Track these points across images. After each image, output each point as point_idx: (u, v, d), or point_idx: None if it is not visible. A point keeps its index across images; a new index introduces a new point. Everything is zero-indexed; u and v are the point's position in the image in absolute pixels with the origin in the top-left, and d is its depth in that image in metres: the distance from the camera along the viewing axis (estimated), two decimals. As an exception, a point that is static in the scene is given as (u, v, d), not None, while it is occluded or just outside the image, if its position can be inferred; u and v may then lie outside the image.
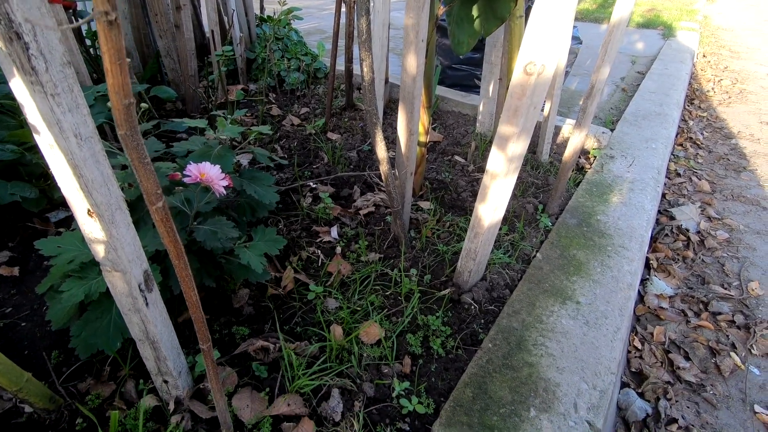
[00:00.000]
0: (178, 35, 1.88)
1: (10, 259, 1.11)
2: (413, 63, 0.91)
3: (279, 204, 1.29)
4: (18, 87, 0.43)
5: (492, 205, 0.88)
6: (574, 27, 2.11)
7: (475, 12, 1.24)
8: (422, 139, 1.29)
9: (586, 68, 2.91)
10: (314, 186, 1.40)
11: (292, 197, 1.34)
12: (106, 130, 1.57)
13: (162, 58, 1.95)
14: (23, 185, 1.15)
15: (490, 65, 1.64)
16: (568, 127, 1.78)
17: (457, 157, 1.64)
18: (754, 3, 7.66)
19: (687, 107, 2.75)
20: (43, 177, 1.25)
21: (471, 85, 2.08)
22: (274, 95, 2.10)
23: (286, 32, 2.09)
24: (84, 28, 1.81)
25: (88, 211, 0.52)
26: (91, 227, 0.54)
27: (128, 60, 0.37)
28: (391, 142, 1.72)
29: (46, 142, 0.47)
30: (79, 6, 1.82)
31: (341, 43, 2.84)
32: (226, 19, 2.21)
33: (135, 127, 0.33)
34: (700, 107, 2.79)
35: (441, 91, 2.04)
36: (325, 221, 1.26)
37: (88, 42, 1.91)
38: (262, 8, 2.37)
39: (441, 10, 1.09)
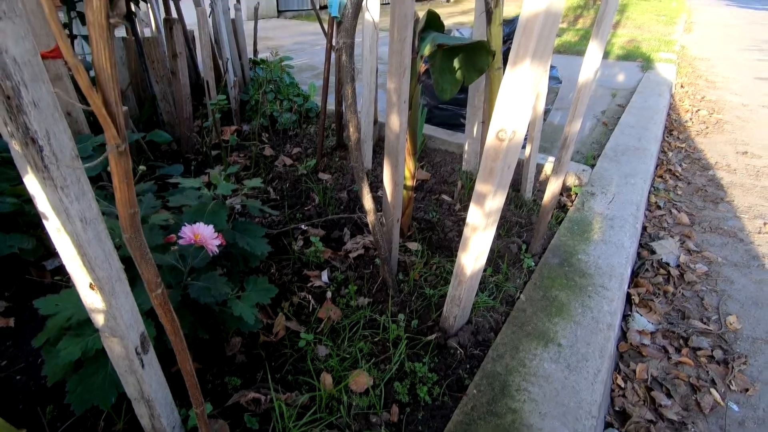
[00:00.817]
0: (174, 81, 1.95)
1: (6, 310, 1.14)
2: (396, 122, 0.97)
3: (271, 248, 1.33)
4: (31, 182, 0.48)
5: (473, 255, 0.92)
6: (554, 67, 2.22)
7: (456, 64, 1.32)
8: (409, 183, 1.35)
9: (568, 101, 3.02)
10: (305, 229, 1.44)
11: (283, 241, 1.38)
12: (102, 175, 1.61)
13: (158, 101, 2.01)
14: (21, 236, 1.18)
15: (473, 108, 1.72)
16: (550, 164, 1.86)
17: (444, 196, 1.70)
18: (728, 33, 8.01)
19: (666, 138, 2.86)
20: (41, 226, 1.29)
21: (457, 124, 2.16)
22: (267, 135, 2.17)
23: (279, 74, 2.17)
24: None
25: (90, 284, 0.56)
26: (92, 299, 0.58)
27: (125, 108, 0.40)
28: (380, 181, 1.78)
29: (53, 226, 0.51)
30: (77, 50, 1.89)
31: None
32: (221, 62, 2.29)
33: (138, 230, 0.38)
34: (678, 138, 2.90)
35: (428, 130, 2.12)
36: (316, 265, 1.30)
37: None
38: (255, 52, 2.46)
39: (423, 67, 1.17)
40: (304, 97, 2.28)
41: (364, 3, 1.54)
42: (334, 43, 1.69)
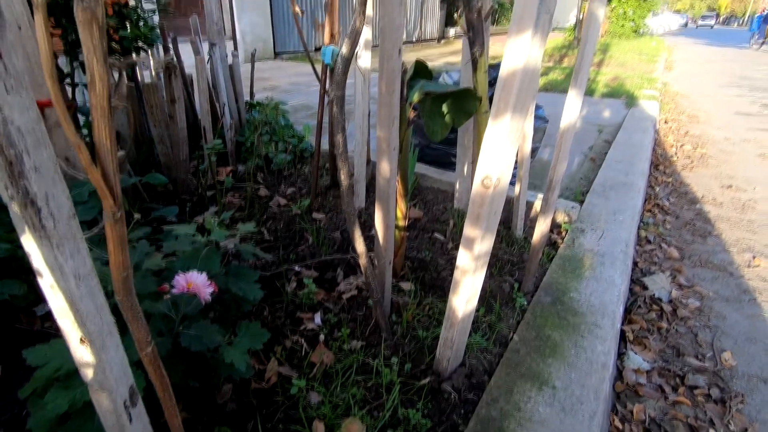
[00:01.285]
0: (171, 124, 2.01)
1: (-7, 359, 1.12)
2: (386, 168, 1.00)
3: (265, 291, 1.33)
4: (27, 241, 0.49)
5: (464, 298, 0.93)
6: (540, 107, 2.30)
7: (445, 108, 1.37)
8: (401, 223, 1.37)
9: (555, 139, 3.11)
10: (299, 270, 1.45)
11: (277, 283, 1.38)
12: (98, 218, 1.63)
13: (156, 144, 2.06)
14: (13, 283, 1.18)
15: (463, 148, 1.77)
16: (539, 202, 1.89)
17: (436, 235, 1.72)
18: (707, 69, 8.36)
19: (653, 173, 2.93)
20: (33, 271, 1.28)
21: (448, 162, 2.21)
22: (263, 175, 2.20)
23: (274, 117, 2.23)
24: (81, 118, 1.92)
25: (81, 339, 0.56)
26: (82, 353, 0.58)
27: (122, 152, 0.42)
28: (374, 220, 1.80)
29: (47, 283, 0.52)
30: (78, 98, 1.95)
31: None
32: (218, 105, 2.36)
33: (130, 292, 0.39)
34: (665, 172, 2.97)
35: (420, 168, 2.17)
36: (309, 306, 1.29)
37: (85, 131, 2.02)
38: (252, 95, 2.54)
39: (412, 114, 1.21)
40: (299, 137, 2.34)
41: (356, 51, 1.62)
42: (327, 88, 1.76)
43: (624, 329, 1.45)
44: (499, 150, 0.75)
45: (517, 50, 0.67)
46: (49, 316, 1.32)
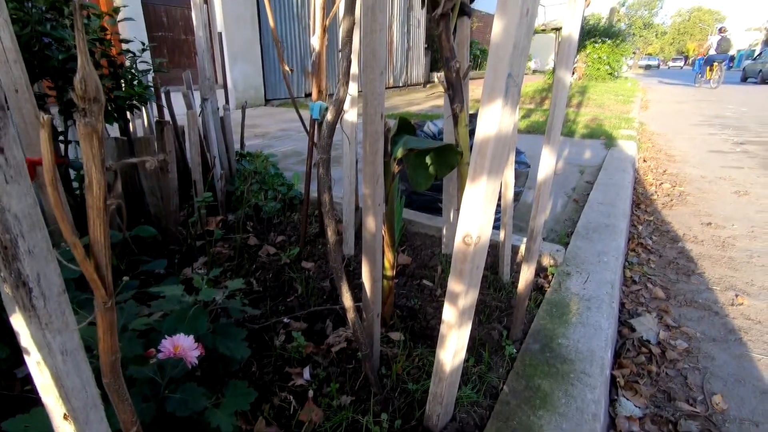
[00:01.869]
0: (162, 176, 2.04)
1: (-32, 427, 1.07)
2: (372, 223, 1.03)
3: (254, 344, 1.32)
4: (17, 320, 0.50)
5: (451, 352, 0.94)
6: (521, 153, 2.39)
7: (428, 160, 1.42)
8: (389, 273, 1.39)
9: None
10: (288, 322, 1.44)
11: (265, 336, 1.37)
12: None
13: (146, 196, 2.08)
14: (-5, 345, 1.16)
15: (448, 195, 1.82)
16: (524, 245, 1.93)
17: (425, 281, 1.73)
18: (680, 109, 8.76)
19: (635, 212, 3.01)
20: (14, 333, 1.26)
21: (435, 208, 2.26)
22: (252, 223, 2.23)
23: (264, 166, 2.28)
24: (72, 173, 1.95)
25: (65, 415, 0.56)
26: (65, 429, 0.57)
27: (113, 206, 0.43)
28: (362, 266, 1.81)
29: (33, 360, 0.52)
30: (71, 154, 1.98)
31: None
32: (209, 155, 2.41)
33: (118, 375, 0.40)
34: (646, 211, 3.06)
35: (408, 214, 2.21)
36: (298, 361, 1.28)
37: (75, 184, 2.04)
38: (242, 145, 2.61)
39: (397, 168, 1.26)
40: (288, 185, 2.38)
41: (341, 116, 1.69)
42: (315, 141, 1.82)
43: (614, 374, 1.45)
44: (477, 210, 0.78)
45: (489, 119, 0.72)
46: (29, 378, 1.29)
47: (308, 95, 7.91)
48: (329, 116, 0.88)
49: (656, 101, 10.45)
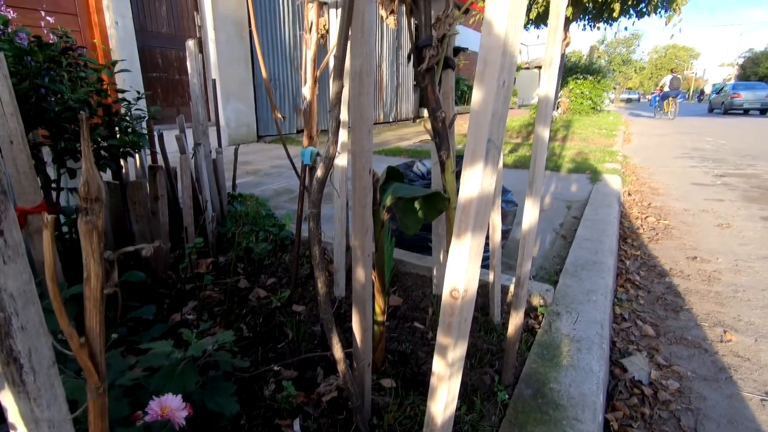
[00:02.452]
0: (153, 220, 2.05)
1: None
2: (362, 274, 1.05)
3: (243, 396, 1.30)
4: (5, 396, 0.50)
5: (442, 404, 0.94)
6: (508, 192, 2.44)
7: (417, 206, 1.46)
8: (380, 319, 1.39)
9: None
10: (278, 370, 1.43)
11: (255, 386, 1.35)
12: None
13: (136, 239, 2.08)
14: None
15: (438, 236, 1.85)
16: (513, 285, 1.95)
17: (416, 324, 1.73)
18: (661, 142, 9.05)
19: (622, 246, 3.06)
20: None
21: (425, 247, 2.28)
22: (243, 265, 2.22)
23: (255, 208, 2.30)
24: (62, 217, 1.95)
25: (48, 490, 0.55)
26: (48, 505, 0.56)
27: (107, 254, 0.45)
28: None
29: (19, 435, 0.52)
30: (62, 201, 1.99)
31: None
32: (200, 197, 2.43)
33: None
34: (633, 245, 3.11)
35: (398, 254, 2.23)
36: (288, 411, 1.26)
37: (65, 229, 2.03)
38: (234, 187, 2.64)
39: (386, 216, 1.29)
40: (280, 226, 2.40)
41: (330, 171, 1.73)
42: (306, 185, 1.85)
43: (608, 418, 1.45)
44: (463, 265, 0.81)
45: (472, 180, 0.76)
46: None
47: (300, 131, 8.06)
48: (319, 173, 0.92)
49: (638, 134, 10.80)
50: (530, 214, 1.17)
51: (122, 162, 1.95)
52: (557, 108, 12.12)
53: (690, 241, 3.16)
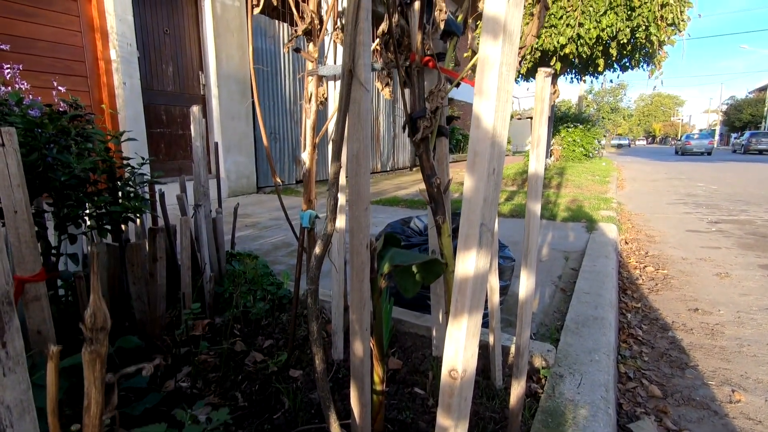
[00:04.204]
0: (150, 281, 2.04)
1: None
2: (360, 349, 1.04)
3: (235, 475, 1.24)
4: None
5: (444, 489, 0.90)
6: (505, 247, 2.46)
7: (415, 269, 1.47)
8: (378, 388, 1.36)
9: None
10: (273, 444, 1.37)
11: (249, 464, 1.30)
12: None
13: (133, 301, 2.06)
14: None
15: (436, 296, 1.84)
16: (515, 341, 1.92)
17: (416, 389, 1.69)
18: (655, 187, 9.22)
19: (622, 298, 3.04)
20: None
21: (424, 306, 2.26)
22: (240, 326, 2.19)
23: (254, 269, 2.30)
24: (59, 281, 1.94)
25: None
26: None
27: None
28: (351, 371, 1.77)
29: None
30: (61, 266, 1.99)
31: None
32: (199, 255, 2.44)
33: None
34: (633, 297, 3.09)
35: (397, 313, 2.20)
36: (284, 492, 1.20)
37: (61, 291, 2.02)
38: (233, 244, 2.65)
39: (384, 283, 1.30)
40: (277, 285, 2.39)
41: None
42: (304, 246, 1.87)
43: (619, 492, 1.38)
44: (461, 345, 0.81)
45: (467, 262, 0.78)
46: None
47: (299, 182, 8.20)
48: (317, 250, 0.93)
49: (631, 179, 11.02)
50: (527, 283, 1.18)
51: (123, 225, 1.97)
52: (550, 155, 12.44)
53: (690, 292, 3.15)
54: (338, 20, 1.73)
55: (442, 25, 1.36)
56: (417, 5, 1.41)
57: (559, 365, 1.80)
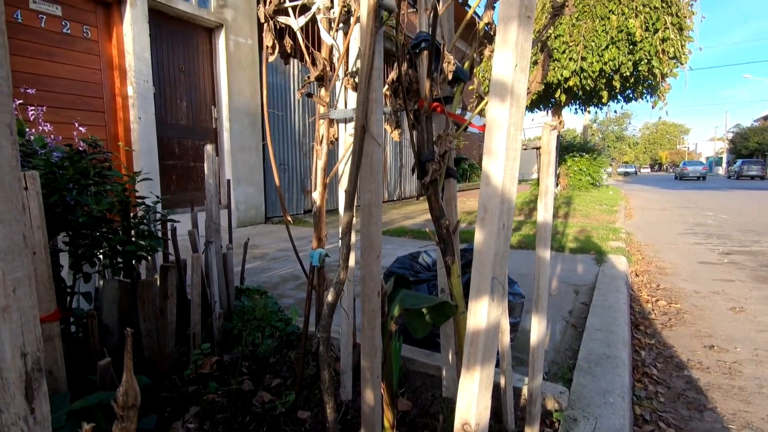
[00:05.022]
0: (161, 318, 2.05)
1: None
2: (371, 396, 1.04)
3: None
4: None
5: None
6: (515, 283, 2.45)
7: (425, 310, 1.47)
8: (389, 433, 1.34)
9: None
10: (281, 492, 1.34)
11: None
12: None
13: (143, 338, 2.07)
14: None
15: (446, 336, 1.83)
16: (527, 388, 1.88)
17: (426, 433, 1.65)
18: (663, 217, 9.15)
19: (635, 334, 2.98)
20: None
21: (434, 344, 2.24)
22: (248, 363, 2.18)
23: (264, 307, 2.31)
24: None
25: None
26: None
27: (107, 360, 0.44)
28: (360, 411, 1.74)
29: None
30: (74, 303, 2.01)
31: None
32: (209, 291, 2.45)
33: None
34: (646, 333, 3.03)
35: (406, 351, 2.18)
36: None
37: (73, 328, 2.03)
38: (242, 280, 2.67)
39: (394, 327, 1.30)
40: (286, 321, 2.38)
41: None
42: (314, 284, 1.88)
43: None
44: (474, 398, 0.80)
45: (479, 315, 0.79)
46: None
47: (307, 211, 8.27)
48: (330, 298, 0.95)
49: (639, 208, 10.97)
50: (538, 329, 1.18)
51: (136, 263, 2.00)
52: (557, 185, 12.47)
53: (704, 328, 3.09)
54: (349, 66, 1.80)
55: (450, 76, 1.42)
56: (425, 54, 1.47)
57: (573, 408, 1.76)
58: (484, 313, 0.78)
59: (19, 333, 0.46)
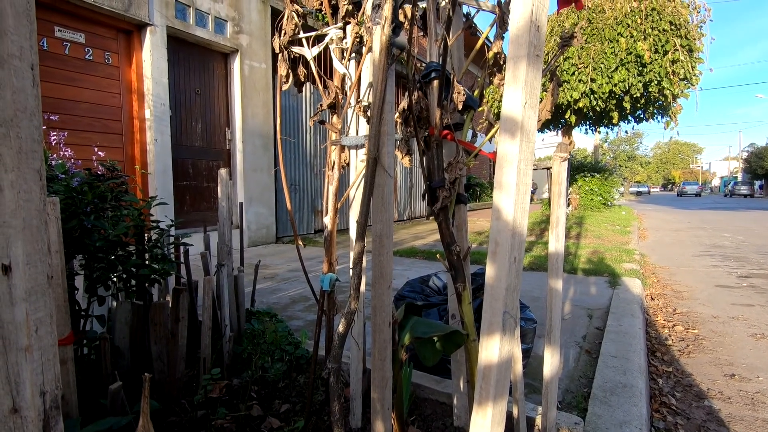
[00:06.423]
0: (171, 341, 2.06)
1: None
2: (381, 428, 1.02)
3: None
4: None
5: None
6: (526, 308, 2.42)
7: (435, 338, 1.45)
8: (399, 465, 1.31)
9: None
10: None
11: None
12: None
13: (153, 361, 2.07)
14: None
15: (457, 363, 1.80)
16: (540, 417, 1.84)
17: (437, 464, 1.61)
18: (678, 238, 9.00)
19: (652, 361, 2.90)
20: None
21: (444, 369, 2.21)
22: (257, 387, 2.16)
23: (274, 331, 2.31)
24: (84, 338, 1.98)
25: None
26: None
27: (118, 385, 0.43)
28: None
29: None
30: (87, 325, 2.04)
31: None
32: (219, 314, 2.46)
33: None
34: (663, 360, 2.95)
35: (416, 377, 2.15)
36: None
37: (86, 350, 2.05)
38: (253, 302, 2.68)
39: (404, 356, 1.29)
40: (295, 344, 2.38)
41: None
42: (324, 308, 1.88)
43: None
44: (486, 435, 0.79)
45: (491, 349, 0.78)
46: None
47: (318, 231, 8.30)
48: (341, 328, 0.95)
49: (653, 229, 10.80)
50: (551, 361, 1.16)
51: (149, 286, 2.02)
52: (568, 205, 12.37)
53: (724, 355, 2.99)
54: (361, 94, 1.84)
55: (460, 106, 1.44)
56: (435, 84, 1.49)
57: (589, 440, 1.71)
58: (496, 347, 0.77)
59: (40, 372, 0.47)
